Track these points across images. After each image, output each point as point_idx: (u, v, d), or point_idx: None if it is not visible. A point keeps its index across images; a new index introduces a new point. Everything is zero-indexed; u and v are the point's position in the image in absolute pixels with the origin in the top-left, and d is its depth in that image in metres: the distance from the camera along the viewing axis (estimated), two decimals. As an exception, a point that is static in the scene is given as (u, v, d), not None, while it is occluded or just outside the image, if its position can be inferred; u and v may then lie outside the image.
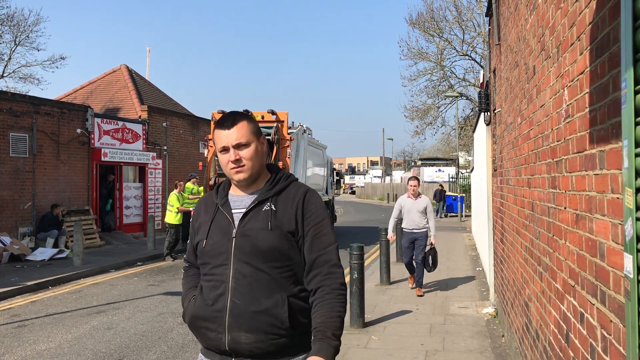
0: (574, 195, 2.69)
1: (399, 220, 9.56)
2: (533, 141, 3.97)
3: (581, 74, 2.50)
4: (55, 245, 14.18)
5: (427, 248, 9.14)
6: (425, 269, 9.28)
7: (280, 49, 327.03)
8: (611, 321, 2.06)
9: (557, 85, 3.07)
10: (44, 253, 13.30)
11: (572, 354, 2.75)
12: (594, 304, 2.32)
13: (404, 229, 9.31)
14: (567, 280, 2.86)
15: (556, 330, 3.17)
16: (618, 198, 1.97)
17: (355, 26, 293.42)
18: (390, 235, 9.59)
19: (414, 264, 9.37)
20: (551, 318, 3.33)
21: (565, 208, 2.90)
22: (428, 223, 9.13)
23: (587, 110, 2.40)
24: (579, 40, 2.53)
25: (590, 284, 2.38)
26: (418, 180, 9.25)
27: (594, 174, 2.29)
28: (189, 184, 15.48)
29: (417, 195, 9.17)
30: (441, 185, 31.60)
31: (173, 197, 14.21)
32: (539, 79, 3.66)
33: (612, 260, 2.05)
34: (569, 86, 2.75)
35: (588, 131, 2.39)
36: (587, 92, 2.39)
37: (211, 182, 14.61)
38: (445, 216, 29.71)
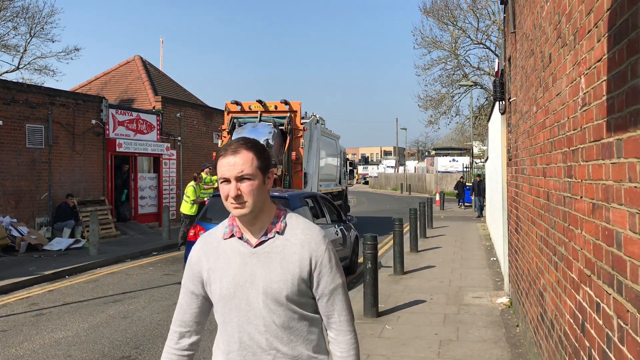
0: (590, 185, 2.66)
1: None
2: (549, 130, 3.93)
3: (598, 61, 2.46)
4: (71, 236, 14.35)
5: None
6: None
7: (293, 39, 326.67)
8: (628, 311, 2.04)
9: (573, 73, 3.03)
10: (61, 243, 13.47)
11: (587, 344, 2.74)
12: (610, 294, 2.30)
13: None
14: (583, 270, 2.84)
15: (572, 320, 3.16)
16: (636, 187, 1.95)
17: (368, 15, 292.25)
18: None
19: None
20: (566, 308, 3.31)
21: (581, 197, 2.87)
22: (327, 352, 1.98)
23: (604, 98, 2.37)
24: (596, 27, 2.49)
25: (607, 274, 2.36)
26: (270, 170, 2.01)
27: (611, 163, 2.26)
28: (202, 174, 15.55)
29: (270, 226, 1.96)
30: (479, 176, 26.30)
31: (190, 189, 14.28)
32: (555, 67, 3.62)
33: (629, 249, 2.03)
34: (586, 74, 2.72)
35: (605, 119, 2.35)
36: (605, 80, 2.35)
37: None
38: (480, 216, 24.15)
